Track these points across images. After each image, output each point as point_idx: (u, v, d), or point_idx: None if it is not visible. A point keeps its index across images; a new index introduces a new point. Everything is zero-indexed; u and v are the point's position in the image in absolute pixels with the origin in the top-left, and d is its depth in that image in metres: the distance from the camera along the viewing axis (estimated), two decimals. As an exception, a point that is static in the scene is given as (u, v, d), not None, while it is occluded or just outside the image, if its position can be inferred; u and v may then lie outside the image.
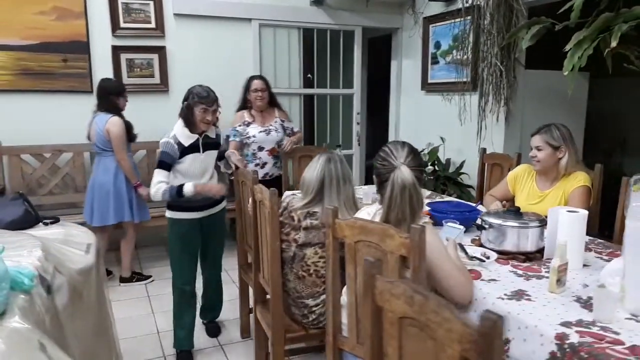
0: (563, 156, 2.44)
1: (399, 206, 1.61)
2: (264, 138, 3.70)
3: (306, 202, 2.06)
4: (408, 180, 1.60)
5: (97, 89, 3.73)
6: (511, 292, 1.63)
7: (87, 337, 2.03)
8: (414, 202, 1.61)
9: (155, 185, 2.56)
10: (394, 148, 1.69)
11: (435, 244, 1.58)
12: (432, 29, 4.74)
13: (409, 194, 1.60)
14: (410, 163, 1.65)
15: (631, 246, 1.46)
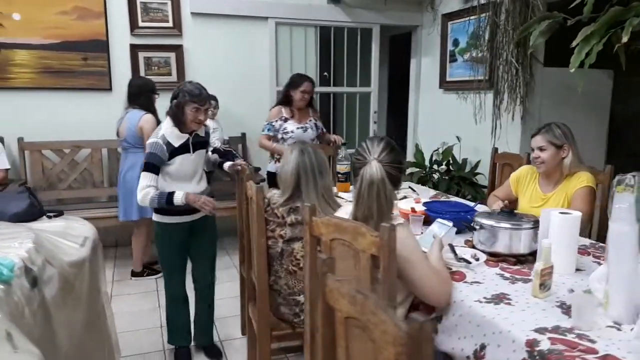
0: (566, 155, 2.34)
1: (366, 202, 1.58)
2: (301, 135, 3.70)
3: (286, 199, 2.06)
4: (376, 175, 1.57)
5: (131, 87, 3.75)
6: (491, 296, 1.58)
7: (77, 329, 2.07)
8: (381, 199, 1.57)
9: (142, 190, 2.39)
10: (370, 143, 1.65)
11: (409, 245, 1.54)
12: (450, 26, 4.65)
13: (377, 190, 1.56)
14: (384, 159, 1.60)
15: (614, 250, 1.38)
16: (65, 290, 2.01)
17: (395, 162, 1.63)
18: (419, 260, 1.56)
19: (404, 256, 1.52)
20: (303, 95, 3.71)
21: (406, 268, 1.53)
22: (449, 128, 4.65)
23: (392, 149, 1.65)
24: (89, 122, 4.32)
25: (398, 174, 1.64)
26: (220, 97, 4.50)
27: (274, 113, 3.79)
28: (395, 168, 1.62)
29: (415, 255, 1.55)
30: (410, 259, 1.54)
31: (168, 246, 2.58)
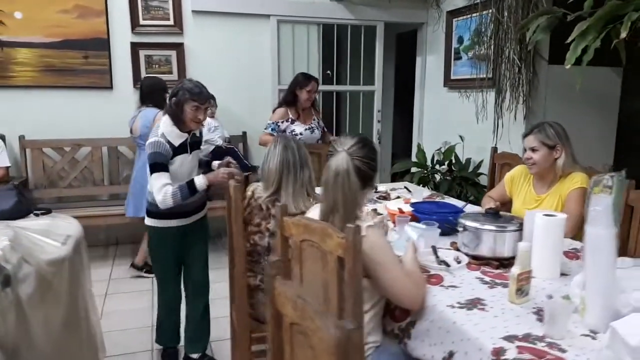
0: (559, 156, 2.25)
1: (331, 192, 1.53)
2: (309, 136, 3.69)
3: (270, 194, 2.03)
4: (341, 165, 1.52)
5: (144, 86, 3.76)
6: (466, 301, 1.51)
7: (56, 327, 2.06)
8: (345, 190, 1.51)
9: (161, 189, 2.27)
10: (344, 138, 1.62)
11: (380, 248, 1.49)
12: (454, 23, 4.56)
13: (342, 181, 1.51)
14: (353, 152, 1.56)
15: (591, 255, 1.31)
16: (43, 288, 1.99)
17: (365, 157, 1.57)
18: (391, 263, 1.50)
19: (374, 259, 1.47)
20: (310, 95, 3.69)
21: (377, 271, 1.48)
22: (453, 127, 4.56)
23: (365, 145, 1.60)
24: (89, 121, 4.34)
25: (368, 170, 1.58)
26: (221, 96, 4.48)
27: (280, 114, 3.75)
28: (365, 163, 1.57)
29: (387, 258, 1.50)
30: (381, 261, 1.48)
31: (164, 251, 2.50)
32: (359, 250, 1.35)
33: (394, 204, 2.48)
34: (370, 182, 1.62)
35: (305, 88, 3.68)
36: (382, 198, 2.86)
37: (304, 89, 3.68)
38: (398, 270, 1.50)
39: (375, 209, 2.53)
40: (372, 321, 1.57)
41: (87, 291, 2.41)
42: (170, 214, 2.40)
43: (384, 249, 1.50)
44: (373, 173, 1.61)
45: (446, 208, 2.31)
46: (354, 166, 1.53)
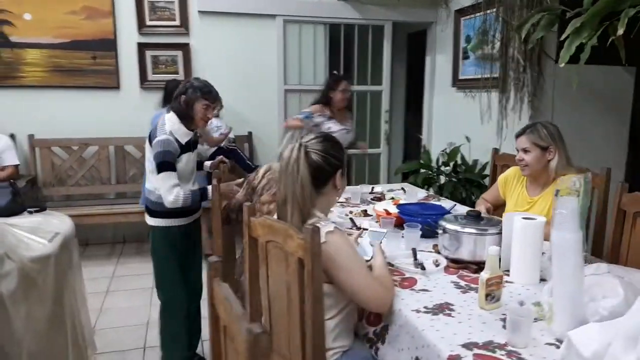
0: (552, 157, 2.18)
1: (282, 184, 1.51)
2: (344, 137, 3.63)
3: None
4: (293, 155, 1.50)
5: (171, 88, 3.73)
6: (434, 305, 1.47)
7: (40, 324, 2.08)
8: (295, 181, 1.48)
9: (170, 190, 2.25)
10: (308, 133, 1.60)
11: (344, 252, 1.45)
12: (462, 22, 4.48)
13: (291, 170, 1.49)
14: (310, 144, 1.54)
15: (557, 260, 1.26)
16: (27, 285, 2.02)
17: (322, 151, 1.54)
18: (356, 267, 1.46)
19: (339, 265, 1.43)
20: (343, 95, 3.65)
21: (339, 275, 1.44)
22: (461, 128, 4.48)
23: (326, 140, 1.58)
24: (97, 120, 4.40)
25: (325, 166, 1.54)
26: (227, 96, 4.48)
27: (317, 108, 3.70)
28: (322, 157, 1.53)
29: (352, 264, 1.45)
30: (346, 267, 1.44)
31: (170, 252, 2.41)
32: (318, 252, 1.32)
33: (383, 205, 2.43)
34: (327, 180, 1.57)
35: (338, 88, 3.63)
36: (376, 199, 2.82)
37: (337, 90, 3.64)
38: (364, 274, 1.46)
39: (365, 210, 2.50)
40: (339, 326, 1.54)
41: (76, 288, 2.43)
42: (173, 213, 2.37)
43: (347, 253, 1.46)
44: (331, 170, 1.56)
45: (432, 210, 2.26)
46: (310, 159, 1.51)
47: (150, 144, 2.36)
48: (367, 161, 5.15)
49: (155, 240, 2.46)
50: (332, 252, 1.42)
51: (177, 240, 2.43)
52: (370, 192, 2.95)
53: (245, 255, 1.62)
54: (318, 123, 3.62)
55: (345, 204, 2.72)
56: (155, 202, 2.39)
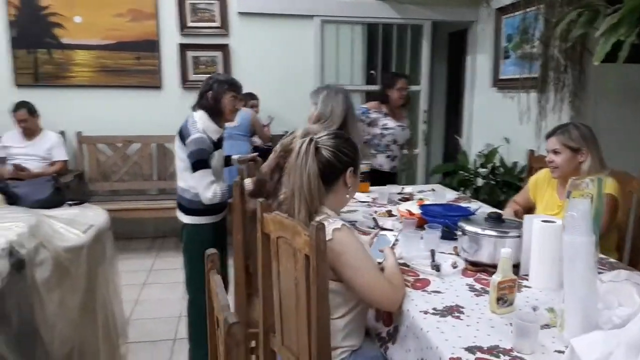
0: (584, 160, 2.09)
1: (291, 177, 1.53)
2: (400, 133, 3.66)
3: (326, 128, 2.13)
4: (303, 148, 1.51)
5: None
6: (443, 307, 1.45)
7: (72, 311, 2.18)
8: (303, 175, 1.49)
9: (208, 187, 2.31)
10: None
11: (352, 250, 1.44)
12: (504, 21, 4.36)
13: (300, 164, 1.50)
14: (322, 140, 1.55)
15: (568, 265, 1.21)
16: (60, 273, 2.12)
17: (334, 147, 1.54)
18: (363, 265, 1.45)
19: (347, 263, 1.43)
20: (401, 93, 3.61)
21: (346, 273, 1.44)
22: (500, 129, 4.37)
23: (337, 137, 1.58)
24: (140, 118, 4.57)
25: (336, 162, 1.53)
26: (265, 96, 4.58)
27: (373, 105, 3.69)
28: (332, 154, 1.53)
29: (358, 260, 1.44)
30: (355, 265, 1.43)
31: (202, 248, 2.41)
32: (323, 249, 1.33)
33: (407, 205, 2.41)
34: (337, 177, 1.56)
35: (395, 87, 3.59)
36: (404, 200, 2.79)
37: (394, 88, 3.59)
38: (372, 272, 1.45)
39: (389, 211, 2.48)
40: (349, 326, 1.53)
41: (108, 279, 2.53)
42: (206, 210, 2.44)
43: (355, 250, 1.45)
44: (341, 166, 1.55)
45: (456, 211, 2.21)
46: (320, 154, 1.51)
47: (183, 143, 2.42)
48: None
49: (189, 237, 2.52)
50: (339, 250, 1.42)
51: (209, 237, 2.48)
52: (399, 193, 2.92)
53: (258, 250, 1.65)
54: (374, 119, 3.60)
55: (372, 204, 2.71)
56: (191, 200, 2.44)
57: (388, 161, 3.67)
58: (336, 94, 2.39)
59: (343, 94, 2.41)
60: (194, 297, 2.55)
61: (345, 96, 2.40)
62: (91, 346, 2.30)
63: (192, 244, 2.50)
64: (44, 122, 4.19)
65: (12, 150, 4.09)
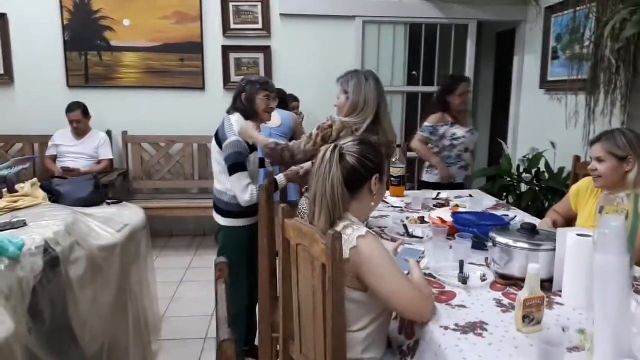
0: (631, 169, 1.96)
1: (315, 183, 1.48)
2: (470, 139, 3.48)
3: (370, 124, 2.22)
4: (327, 155, 1.46)
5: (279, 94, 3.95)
6: (466, 323, 1.38)
7: (104, 308, 2.24)
8: (326, 182, 1.44)
9: (246, 189, 2.35)
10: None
11: (378, 258, 1.38)
12: (553, 20, 4.18)
13: (325, 170, 1.45)
14: (347, 146, 1.50)
15: (599, 287, 1.13)
16: (93, 271, 2.19)
17: (358, 154, 1.49)
18: (389, 272, 1.39)
19: (372, 271, 1.38)
20: (463, 99, 3.42)
21: (371, 280, 1.39)
22: (547, 132, 4.18)
23: (363, 143, 1.54)
24: (183, 119, 4.67)
25: (360, 169, 1.49)
26: (306, 97, 4.56)
27: (437, 118, 3.49)
28: (357, 160, 1.48)
29: (384, 267, 1.39)
30: (377, 271, 1.38)
31: (241, 252, 2.48)
32: (339, 259, 1.29)
33: (440, 212, 2.34)
34: (362, 185, 1.51)
35: (456, 92, 3.39)
36: (439, 205, 2.71)
37: (455, 94, 3.40)
38: (399, 280, 1.39)
39: (422, 217, 2.41)
40: (370, 338, 1.48)
41: (142, 277, 2.59)
42: (243, 213, 2.45)
43: (381, 258, 1.40)
44: (366, 173, 1.50)
45: (490, 220, 2.12)
46: (344, 161, 1.47)
47: (219, 146, 2.44)
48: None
49: (226, 240, 2.54)
50: (363, 257, 1.37)
51: (245, 240, 2.50)
52: (434, 198, 2.84)
53: (280, 257, 1.63)
54: (443, 133, 3.43)
55: (405, 209, 2.64)
56: (228, 202, 2.46)
57: (461, 172, 3.49)
58: (367, 81, 2.27)
59: (373, 79, 2.29)
60: (241, 295, 2.57)
61: (376, 81, 2.29)
62: (122, 342, 2.36)
63: (229, 247, 2.52)
64: (93, 122, 4.36)
65: (62, 149, 4.28)
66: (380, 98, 2.29)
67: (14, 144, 4.51)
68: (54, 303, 1.92)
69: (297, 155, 2.30)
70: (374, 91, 2.26)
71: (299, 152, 2.28)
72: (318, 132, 2.25)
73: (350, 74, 2.34)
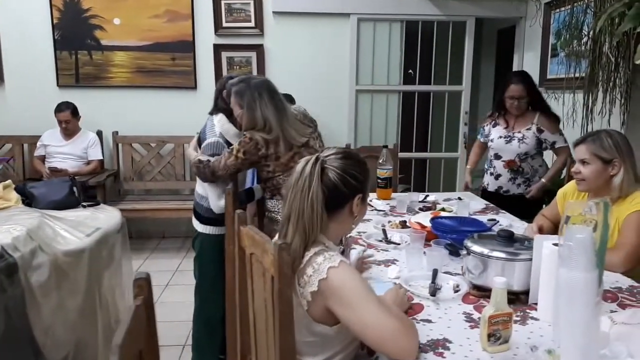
0: (616, 173, 1.83)
1: (290, 198, 1.31)
2: (502, 146, 3.01)
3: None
4: (307, 169, 1.30)
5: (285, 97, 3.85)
6: (427, 341, 1.27)
7: (71, 313, 2.17)
8: (303, 198, 1.28)
9: (221, 196, 2.24)
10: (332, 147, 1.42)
11: (348, 286, 1.22)
12: (552, 16, 4.04)
13: (302, 185, 1.29)
14: (329, 160, 1.33)
15: (564, 304, 1.01)
16: (58, 276, 2.11)
17: (341, 169, 1.32)
18: (362, 303, 1.20)
19: (340, 299, 1.22)
20: (512, 103, 2.96)
21: (342, 314, 1.22)
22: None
23: (346, 157, 1.36)
24: (174, 119, 4.58)
25: (342, 187, 1.32)
26: (299, 96, 4.43)
27: (488, 117, 3.22)
28: (339, 176, 1.31)
29: (356, 298, 1.21)
30: (348, 302, 1.21)
31: (217, 259, 2.31)
32: (287, 272, 1.19)
33: (420, 217, 2.22)
34: (343, 205, 1.35)
35: (506, 93, 2.99)
36: (425, 209, 2.60)
37: (505, 95, 3.00)
38: (374, 310, 1.20)
39: (404, 222, 2.30)
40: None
41: (114, 282, 2.51)
42: (222, 220, 2.26)
43: (354, 289, 1.22)
44: (349, 193, 1.34)
45: (471, 226, 2.00)
46: (327, 177, 1.31)
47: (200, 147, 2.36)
48: (442, 166, 4.85)
49: (203, 246, 2.44)
50: (333, 289, 1.22)
51: (223, 248, 2.33)
52: (421, 201, 2.72)
53: (235, 267, 1.53)
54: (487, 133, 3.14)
55: (389, 212, 2.54)
56: (207, 208, 2.37)
57: (492, 179, 3.12)
58: (260, 97, 2.12)
59: (267, 92, 2.14)
60: (201, 304, 2.51)
61: (269, 94, 2.15)
62: (90, 349, 2.28)
63: (206, 254, 2.43)
64: (83, 122, 4.29)
65: (50, 149, 4.22)
66: (278, 111, 2.15)
67: (3, 144, 4.45)
68: (10, 311, 1.84)
69: (218, 171, 2.20)
70: (270, 107, 2.13)
71: (219, 168, 2.19)
72: (240, 148, 2.15)
73: (242, 87, 2.17)
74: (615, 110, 3.11)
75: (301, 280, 1.27)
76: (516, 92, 2.96)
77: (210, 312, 2.45)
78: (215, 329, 2.45)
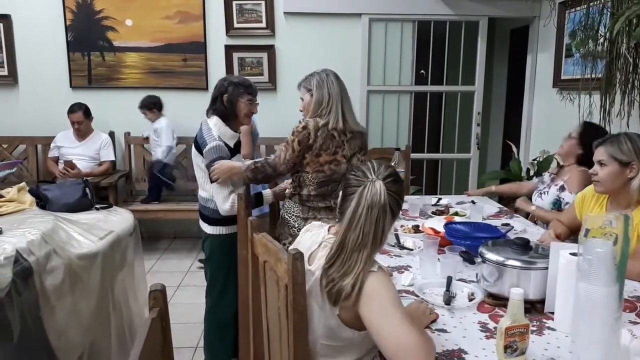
0: (635, 175, 1.80)
1: (362, 226, 1.26)
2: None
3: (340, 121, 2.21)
4: (378, 197, 1.26)
5: None
6: (443, 351, 1.26)
7: (84, 317, 2.18)
8: (379, 227, 1.26)
9: (228, 198, 2.25)
10: (378, 165, 1.35)
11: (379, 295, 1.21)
12: (567, 16, 3.99)
13: (377, 214, 1.27)
14: (389, 185, 1.30)
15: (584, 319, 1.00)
16: (72, 280, 2.12)
17: (396, 194, 1.31)
18: (388, 311, 1.20)
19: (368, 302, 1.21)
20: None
21: (366, 315, 1.22)
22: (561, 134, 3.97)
23: (397, 181, 1.34)
24: (186, 119, 4.58)
25: (395, 209, 1.32)
26: (310, 97, 4.44)
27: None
28: (395, 200, 1.31)
29: (386, 304, 1.21)
30: (375, 306, 1.21)
31: (228, 260, 2.33)
32: (301, 281, 1.18)
33: (433, 222, 2.21)
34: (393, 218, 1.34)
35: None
36: (438, 213, 2.58)
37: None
38: (399, 323, 1.18)
39: (417, 226, 2.28)
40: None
41: (127, 285, 2.52)
42: (230, 219, 2.31)
43: (386, 298, 1.21)
44: (397, 212, 1.34)
45: (485, 232, 1.98)
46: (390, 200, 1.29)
47: (200, 152, 2.36)
48: (454, 167, 4.82)
49: (213, 248, 2.44)
50: (367, 291, 1.22)
51: (233, 248, 2.35)
52: (434, 204, 2.70)
53: (249, 273, 1.53)
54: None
55: (401, 216, 2.51)
56: (214, 209, 2.37)
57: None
58: (328, 77, 2.30)
59: (333, 75, 2.32)
60: (212, 305, 2.51)
61: (336, 77, 2.32)
62: (104, 351, 2.29)
63: (216, 255, 2.43)
64: (95, 123, 4.32)
65: (64, 150, 4.25)
66: (343, 92, 2.29)
67: (17, 145, 4.50)
68: (25, 315, 1.85)
69: (279, 167, 2.21)
70: (335, 86, 2.26)
71: (280, 163, 2.20)
72: (294, 138, 2.16)
73: (310, 75, 2.37)
74: (634, 112, 3.06)
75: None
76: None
77: (222, 314, 2.46)
78: (226, 330, 2.45)
